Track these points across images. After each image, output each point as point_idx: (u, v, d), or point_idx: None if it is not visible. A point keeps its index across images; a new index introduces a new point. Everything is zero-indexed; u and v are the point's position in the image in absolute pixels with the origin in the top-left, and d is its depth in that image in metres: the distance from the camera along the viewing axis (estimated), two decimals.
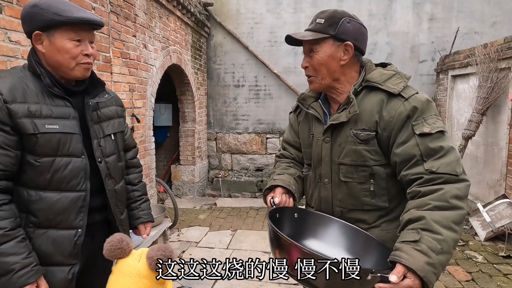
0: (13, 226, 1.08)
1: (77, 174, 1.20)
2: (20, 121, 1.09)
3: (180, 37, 4.75)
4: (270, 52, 5.82)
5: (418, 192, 1.03)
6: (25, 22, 1.18)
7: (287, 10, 5.74)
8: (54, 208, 1.17)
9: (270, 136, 5.99)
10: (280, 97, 5.89)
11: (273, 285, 2.82)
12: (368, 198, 1.18)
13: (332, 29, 1.14)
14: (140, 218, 1.53)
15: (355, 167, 1.17)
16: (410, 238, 0.96)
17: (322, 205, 1.27)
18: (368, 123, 1.14)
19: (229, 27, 5.83)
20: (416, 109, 1.08)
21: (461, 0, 5.36)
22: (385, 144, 1.13)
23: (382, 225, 1.18)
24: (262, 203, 5.31)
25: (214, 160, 6.22)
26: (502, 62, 3.83)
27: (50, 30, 1.14)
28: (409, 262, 0.91)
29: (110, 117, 1.37)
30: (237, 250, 3.54)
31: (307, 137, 1.32)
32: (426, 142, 1.04)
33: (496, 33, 5.11)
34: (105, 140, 1.32)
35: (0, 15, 1.86)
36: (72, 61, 1.17)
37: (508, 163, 3.75)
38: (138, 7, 3.46)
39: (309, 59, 1.19)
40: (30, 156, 1.13)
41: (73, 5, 1.18)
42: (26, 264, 1.07)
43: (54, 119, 1.15)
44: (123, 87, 3.20)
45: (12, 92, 1.09)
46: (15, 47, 1.96)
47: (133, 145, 1.62)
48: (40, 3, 1.13)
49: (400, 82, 1.14)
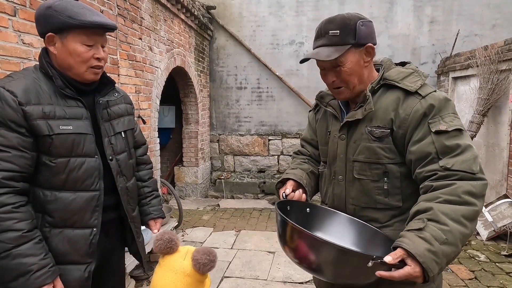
0: (30, 227, 1.09)
1: (91, 174, 1.22)
2: (35, 122, 1.10)
3: (184, 39, 4.81)
4: (273, 55, 5.88)
5: (430, 186, 1.02)
6: (39, 23, 1.18)
7: (289, 13, 5.80)
8: (70, 208, 1.18)
9: (273, 138, 6.03)
10: (282, 99, 5.94)
11: (279, 284, 2.85)
12: (381, 196, 1.16)
13: (351, 38, 1.10)
14: (151, 214, 1.54)
15: (369, 164, 1.16)
16: (414, 227, 0.95)
17: (335, 202, 1.27)
18: (383, 121, 1.13)
19: (231, 30, 5.89)
20: (433, 107, 1.06)
21: (461, 3, 5.42)
22: (400, 142, 1.11)
23: (395, 224, 1.16)
24: (265, 204, 5.35)
25: (216, 161, 6.26)
26: (503, 64, 3.88)
27: (63, 32, 1.14)
28: (409, 246, 0.89)
29: (120, 115, 1.38)
30: (241, 250, 3.57)
31: (324, 134, 1.32)
32: (442, 139, 1.02)
33: (496, 35, 5.17)
34: (115, 138, 1.33)
35: (14, 18, 1.90)
36: (83, 65, 1.18)
37: (509, 164, 3.79)
38: (144, 10, 3.51)
39: (335, 74, 1.15)
40: (45, 157, 1.14)
41: (87, 8, 1.18)
42: (43, 265, 1.09)
43: (67, 120, 1.17)
44: (130, 89, 3.24)
45: (26, 94, 1.10)
46: (28, 49, 2.01)
47: (143, 141, 1.63)
48: (54, 5, 1.14)
49: (417, 80, 1.12)
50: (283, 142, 5.99)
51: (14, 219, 1.06)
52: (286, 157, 6.01)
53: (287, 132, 5.98)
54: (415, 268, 0.88)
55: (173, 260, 1.15)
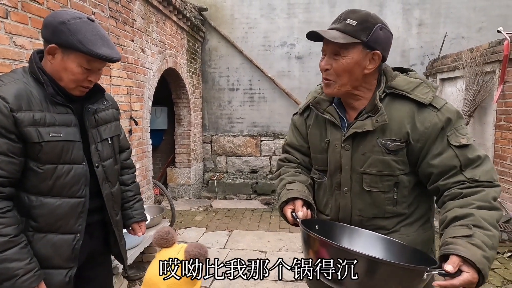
0: (17, 232, 1.10)
1: (78, 181, 1.22)
2: (25, 129, 1.10)
3: (176, 41, 4.83)
4: (264, 56, 5.93)
5: (460, 193, 1.03)
6: (47, 30, 1.15)
7: (281, 15, 5.86)
8: (55, 213, 1.18)
9: (265, 139, 6.08)
10: (274, 101, 6.00)
11: (270, 283, 2.89)
12: (390, 206, 1.16)
13: (364, 35, 1.07)
14: (134, 217, 1.55)
15: (381, 176, 1.14)
16: (462, 233, 0.94)
17: (340, 213, 1.23)
18: (398, 134, 1.10)
19: (223, 31, 5.93)
20: (450, 121, 1.08)
21: (448, 6, 5.54)
22: (415, 155, 1.11)
23: (401, 229, 1.18)
24: (257, 204, 5.39)
25: (209, 162, 6.28)
26: (487, 65, 3.99)
27: (68, 50, 1.13)
28: (467, 254, 0.89)
29: (107, 121, 1.38)
30: (234, 250, 3.60)
31: (319, 142, 1.26)
32: (465, 153, 1.05)
33: (482, 38, 5.30)
34: (102, 145, 1.33)
35: (6, 20, 1.92)
36: (73, 83, 1.18)
37: (494, 163, 3.89)
38: (136, 12, 3.54)
39: (332, 62, 1.11)
40: (33, 163, 1.14)
41: (100, 35, 1.16)
42: (29, 270, 1.10)
43: (57, 127, 1.16)
44: (122, 90, 3.26)
45: (17, 100, 1.09)
46: (20, 51, 2.02)
47: (127, 146, 1.63)
48: (69, 23, 1.11)
49: (428, 91, 1.11)
50: (275, 143, 6.04)
51: (1, 224, 1.07)
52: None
53: (279, 133, 6.04)
54: (474, 274, 0.88)
55: (167, 254, 1.20)
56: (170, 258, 1.10)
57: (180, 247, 1.24)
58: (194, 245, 1.19)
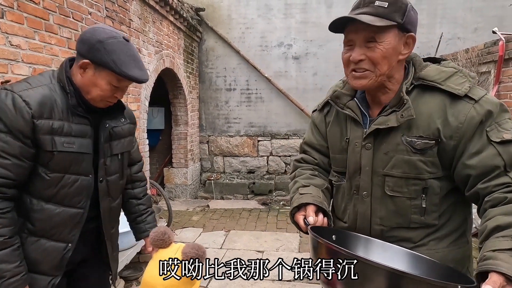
0: (11, 234, 1.10)
1: (81, 192, 1.23)
2: (41, 137, 1.11)
3: (173, 41, 4.83)
4: (261, 57, 5.94)
5: (504, 198, 0.88)
6: (83, 46, 1.16)
7: (278, 15, 5.87)
8: (53, 220, 1.19)
9: (262, 139, 6.08)
10: (271, 101, 6.00)
11: (267, 282, 2.89)
12: (417, 215, 1.02)
13: (399, 16, 0.94)
14: (147, 231, 1.53)
15: (406, 179, 1.00)
16: (505, 246, 0.80)
17: (358, 221, 1.10)
18: (426, 130, 0.97)
19: (220, 31, 5.93)
20: (491, 114, 0.92)
21: (444, 7, 5.58)
22: (449, 155, 0.97)
23: (430, 243, 1.03)
24: (254, 204, 5.40)
25: (206, 162, 6.28)
26: (483, 66, 4.02)
27: (100, 68, 1.15)
28: (510, 271, 0.75)
29: (121, 136, 1.37)
30: (231, 250, 3.61)
31: (339, 141, 1.14)
32: (509, 149, 0.90)
33: (477, 38, 5.33)
34: (111, 159, 1.33)
35: (1, 20, 1.91)
36: (99, 98, 1.21)
37: None
38: (132, 12, 3.53)
39: (366, 51, 0.97)
40: (42, 169, 1.15)
41: (133, 57, 1.18)
42: (16, 273, 1.10)
43: (72, 137, 1.18)
44: None
45: (41, 107, 1.11)
46: (15, 51, 2.01)
47: (139, 159, 1.61)
48: (106, 42, 1.13)
49: (464, 81, 0.96)
50: (272, 143, 6.05)
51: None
52: (275, 157, 6.07)
53: (276, 133, 6.05)
54: None
55: (165, 254, 1.19)
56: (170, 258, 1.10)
57: (177, 247, 1.23)
58: (191, 246, 1.17)
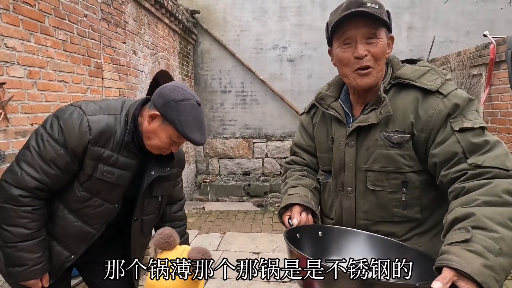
0: (39, 227, 1.21)
1: (101, 216, 1.29)
2: (87, 161, 1.18)
3: (168, 43, 4.83)
4: (256, 59, 5.96)
5: (462, 188, 0.87)
6: (160, 99, 1.20)
7: (273, 18, 5.90)
8: (68, 229, 1.27)
9: (257, 141, 6.10)
10: (266, 103, 6.03)
11: (263, 284, 2.90)
12: (399, 209, 1.05)
13: (386, 17, 1.02)
14: None
15: (386, 174, 1.04)
16: (458, 239, 0.78)
17: (344, 216, 1.14)
18: (402, 125, 1.01)
19: (215, 34, 5.94)
20: (458, 107, 0.95)
21: (437, 11, 5.65)
22: (422, 148, 1.00)
23: (413, 238, 1.06)
24: (250, 206, 5.40)
25: (201, 165, 6.28)
26: (474, 69, 4.08)
27: (166, 122, 1.19)
28: (460, 265, 0.72)
29: (165, 180, 1.38)
30: (226, 252, 3.61)
31: (325, 140, 1.19)
32: (468, 137, 0.91)
33: (469, 41, 5.41)
34: (149, 201, 1.35)
35: None
36: (157, 147, 1.25)
37: None
38: (128, 14, 3.53)
39: (368, 47, 1.01)
40: (77, 185, 1.23)
41: (198, 121, 1.21)
42: (38, 262, 1.21)
43: (115, 169, 1.22)
44: (114, 93, 3.26)
45: (100, 136, 1.17)
46: (11, 53, 2.01)
47: (180, 198, 1.60)
48: (180, 103, 1.17)
49: (436, 78, 1.01)
50: (268, 145, 6.07)
51: (29, 218, 1.17)
52: (271, 159, 6.09)
53: (271, 135, 6.07)
54: None
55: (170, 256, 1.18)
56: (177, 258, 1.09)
57: (182, 249, 1.21)
58: (197, 250, 1.16)
